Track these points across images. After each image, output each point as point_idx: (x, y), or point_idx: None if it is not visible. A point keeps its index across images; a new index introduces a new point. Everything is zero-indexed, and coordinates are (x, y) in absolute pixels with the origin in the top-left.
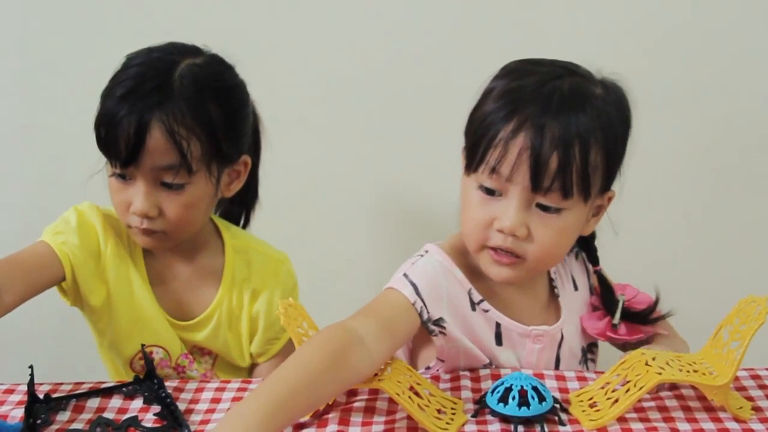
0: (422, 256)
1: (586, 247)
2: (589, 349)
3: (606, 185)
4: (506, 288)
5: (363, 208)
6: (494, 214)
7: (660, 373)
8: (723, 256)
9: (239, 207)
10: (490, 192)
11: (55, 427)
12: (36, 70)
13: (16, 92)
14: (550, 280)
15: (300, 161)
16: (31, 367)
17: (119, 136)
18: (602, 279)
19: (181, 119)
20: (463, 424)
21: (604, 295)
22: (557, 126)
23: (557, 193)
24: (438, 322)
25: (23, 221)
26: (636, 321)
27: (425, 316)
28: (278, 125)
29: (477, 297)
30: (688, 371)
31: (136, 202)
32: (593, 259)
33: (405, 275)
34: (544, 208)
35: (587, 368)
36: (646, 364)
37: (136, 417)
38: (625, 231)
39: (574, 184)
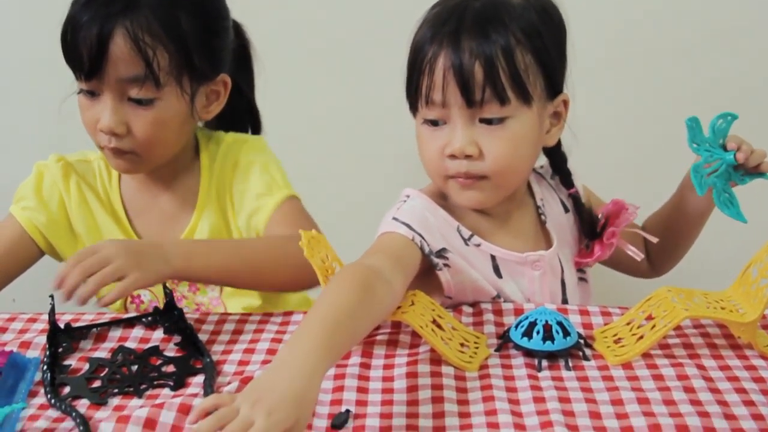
0: (404, 201)
1: (558, 169)
2: (579, 270)
3: (552, 89)
4: (493, 221)
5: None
6: (443, 142)
7: (687, 310)
8: (752, 196)
9: None
10: (434, 123)
11: (77, 355)
12: None
13: None
14: (537, 207)
15: (312, 99)
16: (51, 296)
17: (81, 43)
18: (577, 202)
19: (147, 27)
20: (486, 358)
21: (579, 220)
22: (473, 38)
23: (493, 103)
24: (441, 253)
25: None
26: (594, 236)
27: (426, 249)
28: (291, 63)
29: (466, 233)
30: (715, 308)
31: (102, 118)
32: (566, 182)
33: (395, 218)
34: (487, 122)
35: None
36: (673, 300)
37: (157, 347)
38: (654, 174)
39: (507, 88)
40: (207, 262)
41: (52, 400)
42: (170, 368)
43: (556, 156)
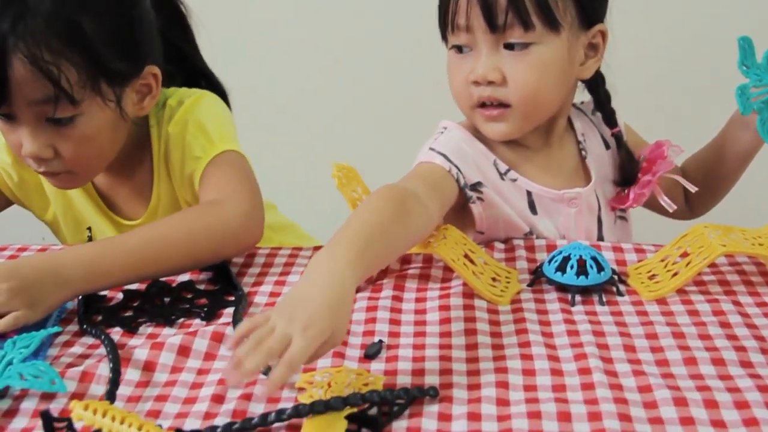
0: (441, 132)
1: (601, 107)
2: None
3: (587, 19)
4: (531, 155)
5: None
6: (468, 69)
7: (724, 245)
8: None
9: None
10: (460, 49)
11: None
12: None
13: None
14: (578, 142)
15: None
16: (89, 228)
17: None
18: (619, 142)
19: (44, 42)
20: (518, 293)
21: (621, 160)
22: None
23: (516, 27)
24: (476, 187)
25: None
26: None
27: (462, 182)
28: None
29: (503, 167)
30: (753, 244)
31: (24, 145)
32: (609, 120)
33: (431, 149)
34: (510, 47)
35: (619, 229)
36: (709, 236)
37: (190, 281)
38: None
39: (531, 13)
40: (111, 268)
41: (85, 326)
42: (202, 301)
43: (599, 93)
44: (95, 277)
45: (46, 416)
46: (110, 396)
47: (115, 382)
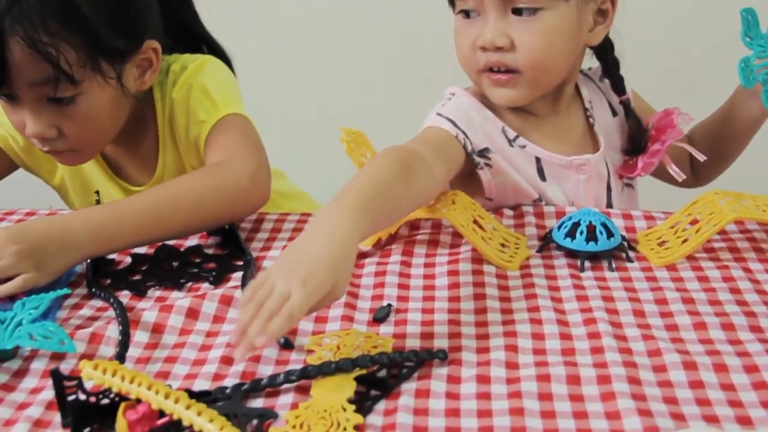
0: (449, 99)
1: (609, 74)
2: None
3: None
4: (539, 122)
5: None
6: (475, 34)
7: (734, 211)
8: None
9: None
10: (467, 14)
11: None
12: None
13: None
14: (585, 110)
15: None
16: (97, 192)
17: None
18: (628, 110)
19: (41, 24)
20: (527, 259)
21: (629, 129)
22: None
23: None
24: (483, 153)
25: None
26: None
27: (469, 148)
28: None
29: (511, 134)
30: (764, 210)
31: (27, 125)
32: (618, 87)
33: (438, 114)
34: (518, 12)
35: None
36: (720, 203)
37: (199, 245)
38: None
39: None
40: (119, 231)
41: (93, 289)
42: (211, 265)
43: (608, 59)
44: (103, 240)
45: (56, 375)
46: (120, 357)
47: (124, 344)
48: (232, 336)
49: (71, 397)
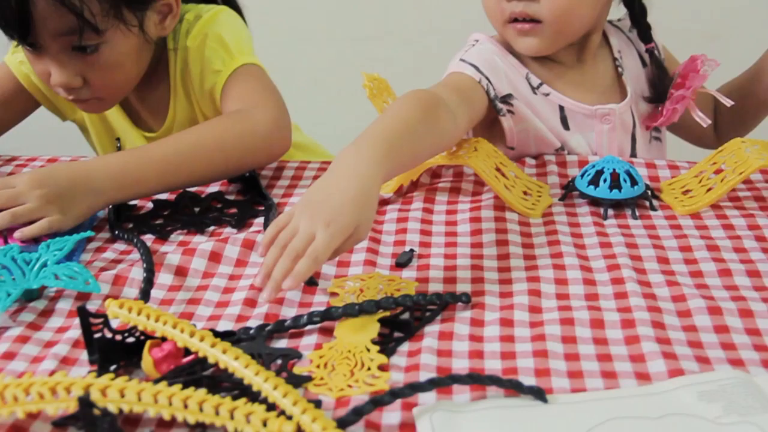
0: (473, 45)
1: (635, 23)
2: (655, 129)
3: None
4: (565, 71)
5: None
6: None
7: (761, 159)
8: None
9: None
10: None
11: None
12: None
13: None
14: (614, 59)
15: None
16: (117, 139)
17: (2, 10)
18: (654, 59)
19: None
20: (550, 206)
21: (654, 78)
22: None
23: None
24: (506, 99)
25: None
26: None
27: (492, 93)
28: None
29: (535, 81)
30: None
31: (53, 75)
32: (644, 36)
33: (462, 60)
34: None
35: (654, 149)
36: (746, 151)
37: (220, 191)
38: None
39: None
40: (141, 177)
41: (117, 232)
42: (232, 210)
43: (634, 7)
44: (125, 185)
45: (82, 311)
46: (144, 295)
47: (149, 281)
48: (257, 278)
49: (97, 335)
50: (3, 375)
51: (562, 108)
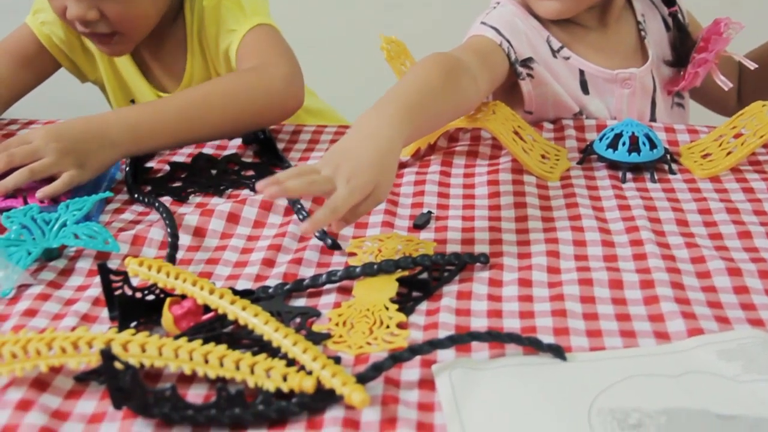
0: (494, 7)
1: None
2: (677, 93)
3: None
4: (586, 34)
5: None
6: None
7: None
8: None
9: None
10: None
11: (157, 158)
12: None
13: None
14: (638, 23)
15: None
16: (132, 101)
17: None
18: (677, 23)
19: None
20: (568, 170)
21: (676, 42)
22: None
23: None
24: (526, 63)
25: None
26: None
27: (513, 57)
28: None
29: (556, 44)
30: None
31: (69, 7)
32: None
33: (483, 23)
34: None
35: (676, 115)
36: (767, 114)
37: (235, 153)
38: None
39: None
40: (156, 129)
41: (136, 195)
42: (249, 173)
43: None
44: (141, 137)
45: (103, 268)
46: (170, 260)
47: (174, 246)
48: (262, 182)
49: (118, 291)
50: (25, 330)
51: (582, 72)
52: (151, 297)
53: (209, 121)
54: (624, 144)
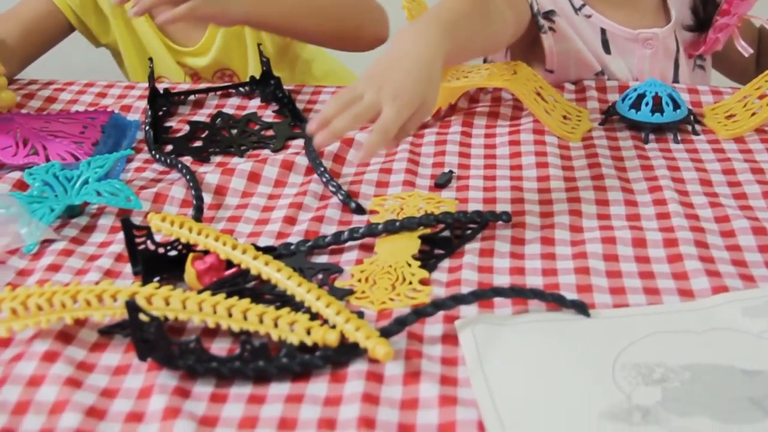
0: None
1: None
2: (699, 55)
3: None
4: None
5: None
6: None
7: None
8: None
9: None
10: None
11: (176, 118)
12: None
13: None
14: None
15: None
16: (150, 59)
17: None
18: None
19: None
20: (590, 130)
21: (698, 5)
22: None
23: None
24: (548, 15)
25: None
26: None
27: (535, 8)
28: None
29: (578, 2)
30: None
31: None
32: None
33: None
34: None
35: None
36: None
37: (255, 113)
38: None
39: None
40: (276, 7)
41: (157, 155)
42: (269, 132)
43: None
44: (262, 5)
45: (126, 223)
46: (196, 220)
47: (199, 208)
48: (311, 123)
49: (141, 247)
50: (50, 283)
51: (603, 31)
52: (173, 252)
53: (322, 15)
54: (647, 104)
